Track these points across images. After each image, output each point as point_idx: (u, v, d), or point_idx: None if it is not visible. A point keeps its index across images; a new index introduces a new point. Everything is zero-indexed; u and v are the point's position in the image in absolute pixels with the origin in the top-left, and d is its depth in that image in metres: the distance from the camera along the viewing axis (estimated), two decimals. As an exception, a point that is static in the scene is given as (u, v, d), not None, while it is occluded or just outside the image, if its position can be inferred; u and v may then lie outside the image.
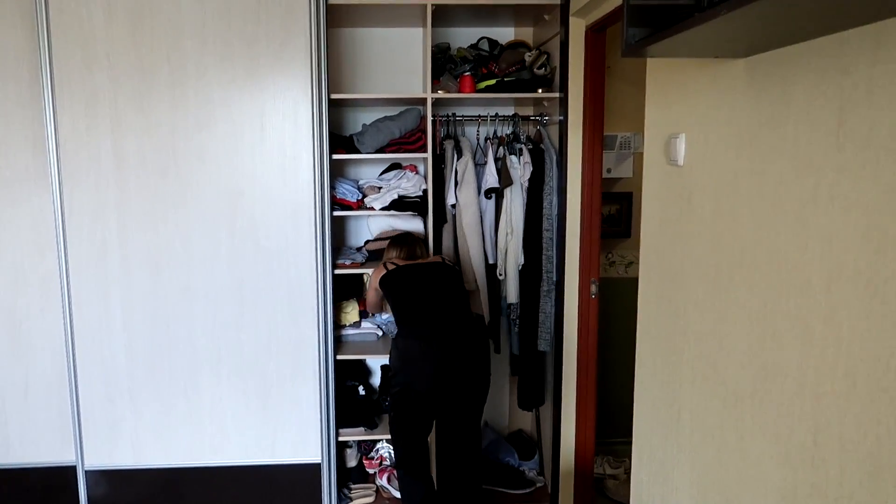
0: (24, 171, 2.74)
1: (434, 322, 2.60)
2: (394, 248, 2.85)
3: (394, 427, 2.67)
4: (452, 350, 2.55)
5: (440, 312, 2.62)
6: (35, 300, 2.82)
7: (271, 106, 2.76)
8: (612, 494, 3.16)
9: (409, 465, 2.65)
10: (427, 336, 2.56)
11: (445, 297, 2.66)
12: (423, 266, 2.74)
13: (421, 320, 2.61)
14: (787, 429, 1.36)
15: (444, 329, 2.58)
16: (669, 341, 1.91)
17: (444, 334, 2.57)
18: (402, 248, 2.83)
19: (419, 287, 2.67)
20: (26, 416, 2.89)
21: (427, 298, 2.65)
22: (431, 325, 2.59)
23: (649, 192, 2.03)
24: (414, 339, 2.58)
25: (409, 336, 2.59)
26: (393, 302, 2.70)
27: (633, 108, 3.31)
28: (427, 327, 2.59)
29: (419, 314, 2.62)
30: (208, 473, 2.94)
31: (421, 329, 2.59)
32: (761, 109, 1.41)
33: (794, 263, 1.31)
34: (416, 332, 2.59)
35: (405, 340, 2.59)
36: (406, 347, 2.58)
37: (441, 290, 2.67)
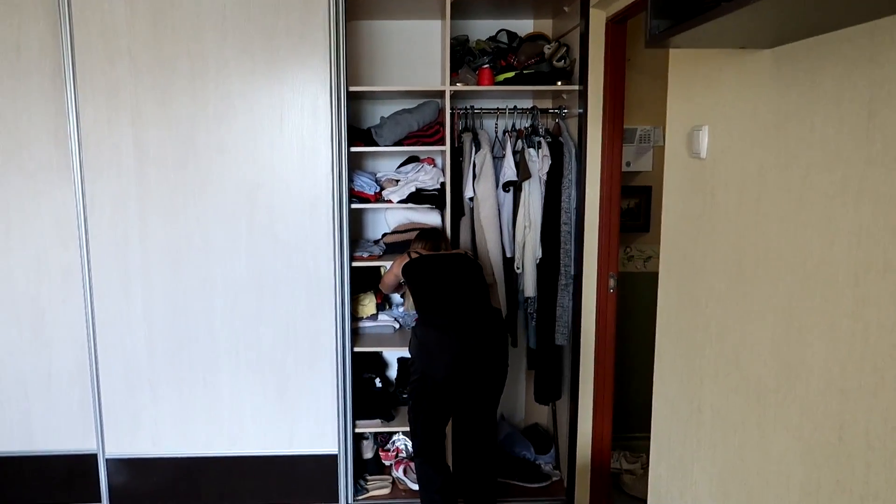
0: (46, 163, 2.77)
1: (454, 312, 2.60)
2: (420, 240, 2.90)
3: (412, 416, 2.68)
4: (471, 341, 2.55)
5: (460, 303, 2.63)
6: (57, 291, 2.85)
7: (290, 98, 2.76)
8: (629, 490, 3.15)
9: (426, 454, 2.66)
10: (446, 326, 2.56)
11: (466, 288, 2.66)
12: (445, 257, 2.76)
13: (441, 310, 2.62)
14: (811, 425, 1.34)
15: (463, 319, 2.58)
16: (690, 336, 1.89)
17: (463, 325, 2.57)
18: (427, 242, 2.88)
19: (441, 277, 2.69)
20: (49, 404, 2.93)
21: (448, 289, 2.66)
22: (451, 315, 2.60)
23: (671, 186, 2.01)
24: (433, 328, 2.58)
25: (428, 325, 2.60)
26: (414, 290, 2.71)
27: (653, 101, 3.28)
28: (447, 317, 2.59)
29: (440, 304, 2.63)
30: (227, 463, 2.97)
31: (441, 318, 2.59)
32: (788, 101, 1.39)
33: (820, 258, 1.30)
34: (435, 322, 2.59)
35: (424, 329, 2.60)
36: (425, 336, 2.59)
37: (462, 282, 2.67)
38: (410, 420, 2.69)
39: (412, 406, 2.67)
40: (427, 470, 2.65)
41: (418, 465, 2.69)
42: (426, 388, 2.59)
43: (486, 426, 2.68)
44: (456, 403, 2.65)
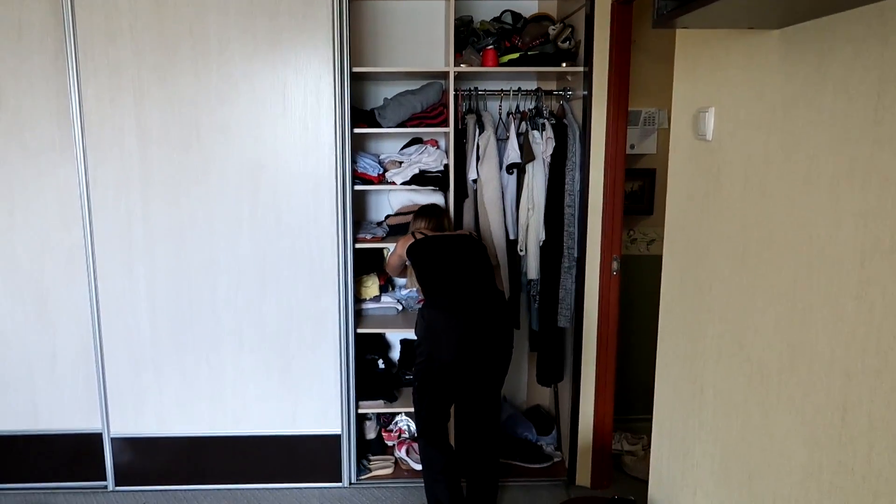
0: (49, 143, 2.76)
1: (460, 294, 2.60)
2: (421, 218, 2.86)
3: (416, 397, 2.68)
4: (477, 322, 2.55)
5: (467, 285, 2.62)
6: (62, 272, 2.86)
7: (293, 79, 2.75)
8: (630, 471, 3.17)
9: (430, 434, 2.66)
10: (454, 307, 2.55)
11: (472, 269, 2.65)
12: (450, 238, 2.74)
13: (448, 291, 2.61)
14: (814, 406, 1.35)
15: (470, 301, 2.58)
16: (693, 318, 1.89)
17: (469, 306, 2.56)
18: (429, 219, 2.84)
19: (446, 258, 2.67)
20: (54, 384, 2.94)
21: (454, 270, 2.65)
22: (458, 297, 2.59)
23: (676, 168, 2.01)
24: (440, 309, 2.57)
25: (434, 307, 2.59)
26: (420, 272, 2.69)
27: (659, 83, 3.26)
28: (453, 298, 2.59)
29: (446, 285, 2.63)
30: (231, 442, 3.00)
31: (448, 300, 2.59)
32: (796, 82, 1.38)
33: (826, 240, 1.29)
34: (442, 304, 2.58)
35: (431, 311, 2.59)
36: (432, 318, 2.58)
37: (468, 263, 2.66)
38: (415, 401, 2.69)
39: (417, 387, 2.67)
40: (431, 450, 2.67)
41: (422, 446, 2.71)
42: (432, 369, 2.59)
43: (490, 407, 2.69)
44: (461, 385, 2.65)
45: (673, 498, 2.07)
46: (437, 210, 2.91)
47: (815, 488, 1.35)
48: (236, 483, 3.03)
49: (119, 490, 3.01)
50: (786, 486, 1.45)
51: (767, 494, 1.53)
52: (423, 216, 2.87)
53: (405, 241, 2.77)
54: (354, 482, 3.07)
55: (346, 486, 3.05)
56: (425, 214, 2.88)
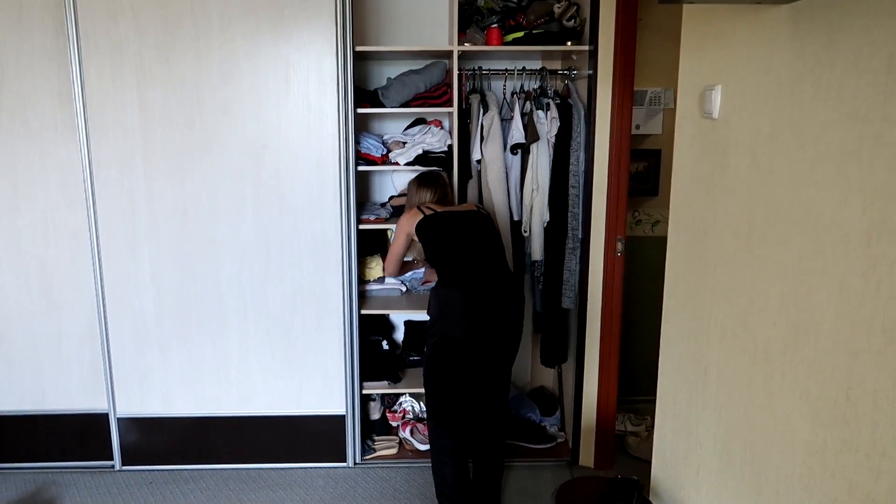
0: (51, 123, 2.75)
1: (475, 271, 2.53)
2: (424, 188, 2.73)
3: (428, 378, 2.60)
4: (493, 300, 2.48)
5: (481, 262, 2.55)
6: (66, 252, 2.86)
7: (296, 58, 2.73)
8: (633, 451, 3.18)
9: (441, 416, 2.59)
10: (469, 285, 2.49)
11: (485, 246, 2.58)
12: (461, 214, 2.65)
13: (462, 269, 2.53)
14: (818, 385, 1.34)
15: (484, 278, 2.52)
16: (698, 298, 1.89)
17: (485, 284, 2.50)
18: (433, 189, 2.72)
19: (459, 236, 2.59)
20: (60, 364, 2.96)
21: (467, 248, 2.57)
22: (473, 275, 2.52)
23: (681, 147, 1.99)
24: (455, 288, 2.50)
25: (449, 285, 2.52)
26: (431, 250, 2.60)
27: (665, 62, 3.23)
28: (468, 276, 2.52)
29: (460, 263, 2.55)
30: (236, 422, 3.02)
31: (462, 278, 2.51)
32: (805, 58, 1.36)
33: (832, 218, 1.28)
34: (457, 282, 2.51)
35: (446, 290, 2.52)
36: (447, 297, 2.50)
37: (481, 240, 2.59)
38: (427, 383, 2.62)
39: (429, 368, 2.59)
40: (441, 432, 2.61)
41: (432, 428, 2.65)
42: (446, 349, 2.51)
43: (503, 388, 2.64)
44: (475, 364, 2.57)
45: (676, 478, 2.08)
46: (438, 178, 2.78)
47: (819, 467, 1.35)
48: (241, 463, 3.06)
49: (126, 469, 3.04)
50: (789, 465, 1.45)
51: (771, 473, 1.53)
52: (425, 185, 2.73)
53: (411, 218, 2.65)
54: (359, 462, 3.09)
55: (351, 466, 3.07)
56: (427, 183, 2.74)
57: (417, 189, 2.75)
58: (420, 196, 2.73)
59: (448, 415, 2.58)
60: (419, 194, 2.73)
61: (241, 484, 2.95)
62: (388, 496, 2.86)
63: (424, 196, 2.72)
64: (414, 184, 2.78)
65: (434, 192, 2.72)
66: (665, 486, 2.16)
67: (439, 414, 2.60)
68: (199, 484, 2.95)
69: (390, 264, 2.85)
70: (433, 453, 2.65)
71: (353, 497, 2.86)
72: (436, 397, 2.60)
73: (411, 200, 2.75)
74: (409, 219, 2.66)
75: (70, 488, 2.91)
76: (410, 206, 2.74)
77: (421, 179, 2.77)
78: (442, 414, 2.59)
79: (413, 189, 2.77)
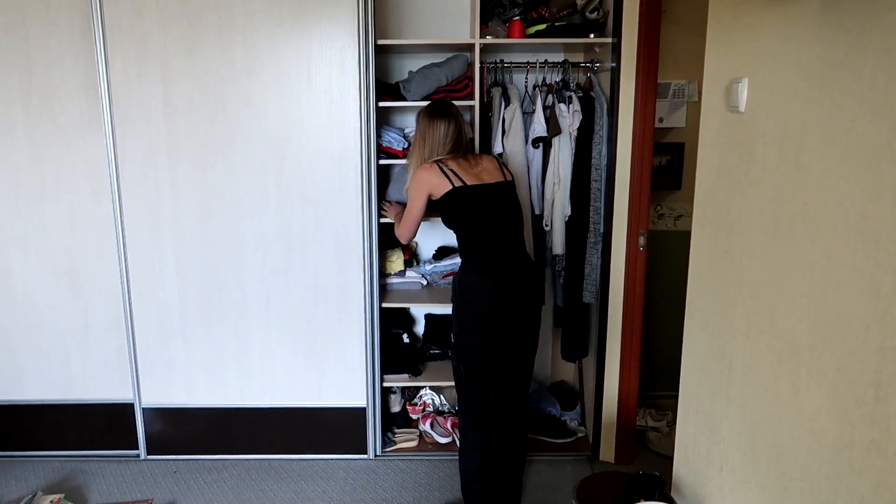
0: (78, 117, 2.79)
1: (501, 258, 2.42)
2: (438, 120, 2.44)
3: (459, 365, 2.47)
4: (517, 288, 2.40)
5: (507, 247, 2.44)
6: (92, 243, 2.90)
7: (318, 52, 2.73)
8: (654, 447, 3.16)
9: (471, 408, 2.47)
10: (495, 273, 2.38)
11: (511, 229, 2.46)
12: (490, 189, 2.43)
13: (489, 255, 2.42)
14: (846, 383, 1.32)
15: (509, 266, 2.42)
16: (723, 293, 1.87)
17: (509, 272, 2.40)
18: (447, 121, 2.44)
19: (488, 217, 2.42)
20: (87, 354, 3.01)
21: (495, 231, 2.42)
22: (499, 262, 2.41)
23: (706, 140, 1.97)
24: (481, 275, 2.39)
25: (475, 272, 2.41)
26: (459, 227, 2.44)
27: (689, 54, 3.19)
28: (494, 263, 2.41)
29: (487, 248, 2.42)
30: (258, 413, 3.05)
31: (489, 265, 2.40)
32: (835, 50, 1.34)
33: (862, 213, 1.26)
34: (483, 269, 2.40)
35: (472, 277, 2.41)
36: (472, 284, 2.40)
37: (507, 222, 2.45)
38: (456, 372, 2.49)
39: (458, 356, 2.45)
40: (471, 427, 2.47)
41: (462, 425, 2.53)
42: (475, 337, 2.39)
43: (526, 379, 2.58)
44: (502, 350, 2.43)
45: (698, 474, 2.06)
46: (451, 107, 2.49)
47: (846, 466, 1.33)
48: (263, 453, 3.09)
49: (150, 459, 3.09)
50: (815, 464, 1.43)
51: (796, 471, 1.51)
52: (439, 116, 2.45)
53: (430, 174, 2.40)
54: (379, 454, 3.10)
55: (372, 458, 3.09)
56: (440, 113, 2.45)
57: (431, 121, 2.46)
58: (434, 130, 2.45)
59: (478, 405, 2.47)
60: (433, 128, 2.45)
61: (263, 474, 2.98)
62: (408, 488, 2.87)
63: (438, 129, 2.44)
64: (425, 117, 2.49)
65: (448, 125, 2.44)
66: (687, 482, 2.15)
67: (485, 421, 2.47)
68: (222, 474, 2.98)
69: (407, 229, 2.58)
70: (462, 448, 2.59)
71: (373, 488, 2.88)
72: (466, 387, 2.49)
73: (424, 136, 2.48)
74: (430, 176, 2.41)
75: (97, 476, 2.96)
76: (422, 146, 2.48)
77: (434, 111, 2.48)
78: (472, 405, 2.48)
79: (424, 123, 2.48)
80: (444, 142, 2.45)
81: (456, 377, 2.55)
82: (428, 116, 2.48)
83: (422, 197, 2.46)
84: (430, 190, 2.43)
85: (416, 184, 2.46)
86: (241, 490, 2.87)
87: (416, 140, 2.53)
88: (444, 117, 2.46)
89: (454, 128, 2.46)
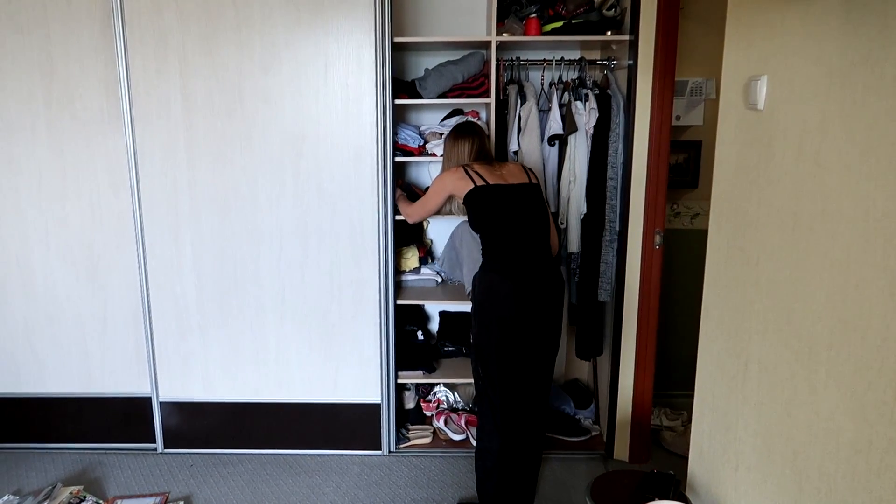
0: (98, 113, 2.82)
1: (523, 259, 2.42)
2: (462, 140, 2.58)
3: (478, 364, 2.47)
4: (538, 290, 2.41)
5: (529, 248, 2.44)
6: (111, 238, 2.93)
7: (335, 49, 2.74)
8: (669, 446, 3.15)
9: (504, 424, 2.47)
10: (515, 275, 2.39)
11: (534, 230, 2.46)
12: (513, 190, 2.47)
13: (510, 255, 2.42)
14: (865, 383, 1.31)
15: (531, 268, 2.42)
16: (739, 292, 1.86)
17: (531, 274, 2.41)
18: (471, 140, 2.57)
19: (510, 216, 2.44)
20: (105, 348, 3.05)
21: (517, 231, 2.43)
22: (520, 263, 2.42)
23: (724, 138, 1.95)
24: (502, 276, 2.39)
25: (496, 272, 2.41)
26: (479, 224, 2.48)
27: (707, 52, 3.17)
28: (516, 264, 2.41)
29: (509, 248, 2.43)
30: (274, 408, 3.07)
31: (510, 266, 2.41)
32: (857, 47, 1.32)
33: (884, 210, 1.25)
34: (504, 269, 2.40)
35: (492, 276, 2.41)
36: (492, 284, 2.41)
37: (531, 222, 2.46)
38: (476, 371, 2.50)
39: (484, 370, 2.45)
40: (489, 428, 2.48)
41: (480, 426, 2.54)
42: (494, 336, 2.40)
43: (546, 382, 2.56)
44: (522, 352, 2.44)
45: (714, 473, 2.05)
46: (475, 127, 2.63)
47: (864, 466, 1.32)
48: (279, 448, 3.11)
49: (168, 452, 3.12)
50: (832, 463, 1.42)
51: (813, 471, 1.50)
52: (462, 136, 2.58)
53: (457, 179, 2.48)
54: (393, 450, 3.12)
55: (386, 455, 3.10)
56: (465, 133, 2.59)
57: (455, 142, 2.61)
58: (458, 149, 2.59)
59: (496, 407, 2.46)
60: (457, 147, 2.59)
61: (279, 469, 3.00)
62: (422, 484, 2.88)
63: (463, 148, 2.58)
64: (450, 138, 2.64)
65: (472, 143, 2.57)
66: (702, 481, 2.14)
67: (505, 423, 2.47)
68: (237, 468, 3.01)
69: (417, 214, 2.73)
70: (478, 448, 2.59)
71: (387, 484, 2.89)
72: (484, 388, 2.50)
73: (450, 155, 2.62)
74: (453, 179, 2.50)
75: (115, 469, 3.00)
76: (449, 162, 2.62)
77: (458, 132, 2.63)
78: (490, 406, 2.48)
79: (450, 144, 2.63)
80: (468, 157, 2.58)
81: (475, 378, 2.56)
82: (452, 138, 2.63)
83: (442, 194, 2.57)
84: (452, 189, 2.52)
85: (439, 182, 2.57)
86: (257, 484, 2.89)
87: (445, 157, 2.67)
88: (468, 136, 2.59)
89: (477, 144, 2.59)
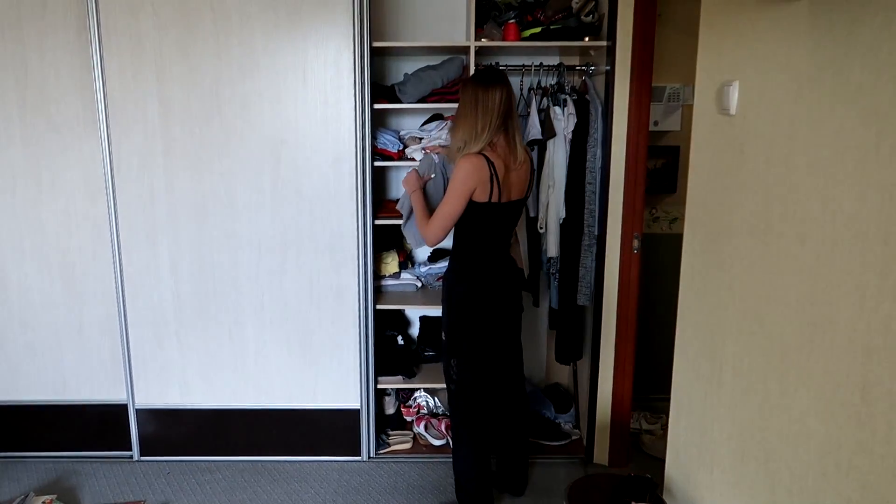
0: (73, 118, 2.79)
1: (497, 263, 2.49)
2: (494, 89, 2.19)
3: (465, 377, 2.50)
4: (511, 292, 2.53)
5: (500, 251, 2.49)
6: (87, 244, 2.90)
7: (314, 54, 2.74)
8: (648, 449, 3.16)
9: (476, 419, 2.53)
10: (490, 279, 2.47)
11: (508, 237, 2.51)
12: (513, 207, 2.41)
13: (484, 257, 2.46)
14: (833, 384, 1.33)
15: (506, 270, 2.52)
16: (713, 295, 1.87)
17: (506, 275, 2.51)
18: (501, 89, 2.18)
19: (499, 230, 2.45)
20: (81, 355, 3.01)
21: (497, 240, 2.46)
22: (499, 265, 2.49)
23: (698, 143, 1.97)
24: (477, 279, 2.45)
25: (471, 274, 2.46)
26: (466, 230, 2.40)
27: (684, 58, 3.19)
28: (487, 263, 2.46)
29: (485, 252, 2.46)
30: (252, 415, 3.04)
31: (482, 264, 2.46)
32: (824, 53, 1.35)
33: (850, 215, 1.27)
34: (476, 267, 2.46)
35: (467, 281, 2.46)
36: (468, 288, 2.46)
37: (508, 233, 2.50)
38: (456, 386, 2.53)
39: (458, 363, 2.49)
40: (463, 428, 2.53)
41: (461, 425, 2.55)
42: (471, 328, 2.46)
43: (521, 385, 2.69)
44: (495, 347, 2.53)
45: (690, 476, 2.07)
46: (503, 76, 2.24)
47: (833, 467, 1.33)
48: (257, 455, 3.09)
49: (144, 460, 3.08)
50: (803, 465, 1.44)
51: (784, 473, 1.52)
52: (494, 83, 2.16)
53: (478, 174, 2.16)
54: (373, 456, 3.10)
55: (365, 460, 3.09)
56: (495, 81, 2.17)
57: (485, 90, 2.17)
58: (490, 100, 2.17)
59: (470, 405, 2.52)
60: (490, 97, 2.16)
61: (257, 476, 2.98)
62: (401, 490, 2.87)
63: (495, 98, 2.17)
64: (473, 87, 2.20)
65: (502, 94, 2.18)
66: (679, 484, 2.15)
67: (461, 406, 2.53)
68: (215, 475, 2.98)
69: (440, 228, 2.29)
70: (455, 450, 2.62)
71: (367, 490, 2.87)
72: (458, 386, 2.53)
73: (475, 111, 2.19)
74: (478, 176, 2.18)
75: (90, 477, 2.96)
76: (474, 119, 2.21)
77: (483, 79, 2.20)
78: (464, 406, 2.53)
79: (471, 95, 2.20)
80: (499, 111, 2.19)
81: (447, 378, 2.58)
82: (482, 85, 2.20)
83: (464, 193, 2.21)
84: (475, 182, 2.19)
85: (463, 175, 2.18)
86: (235, 492, 2.86)
87: (464, 112, 2.23)
88: (499, 84, 2.20)
89: (507, 96, 2.21)
